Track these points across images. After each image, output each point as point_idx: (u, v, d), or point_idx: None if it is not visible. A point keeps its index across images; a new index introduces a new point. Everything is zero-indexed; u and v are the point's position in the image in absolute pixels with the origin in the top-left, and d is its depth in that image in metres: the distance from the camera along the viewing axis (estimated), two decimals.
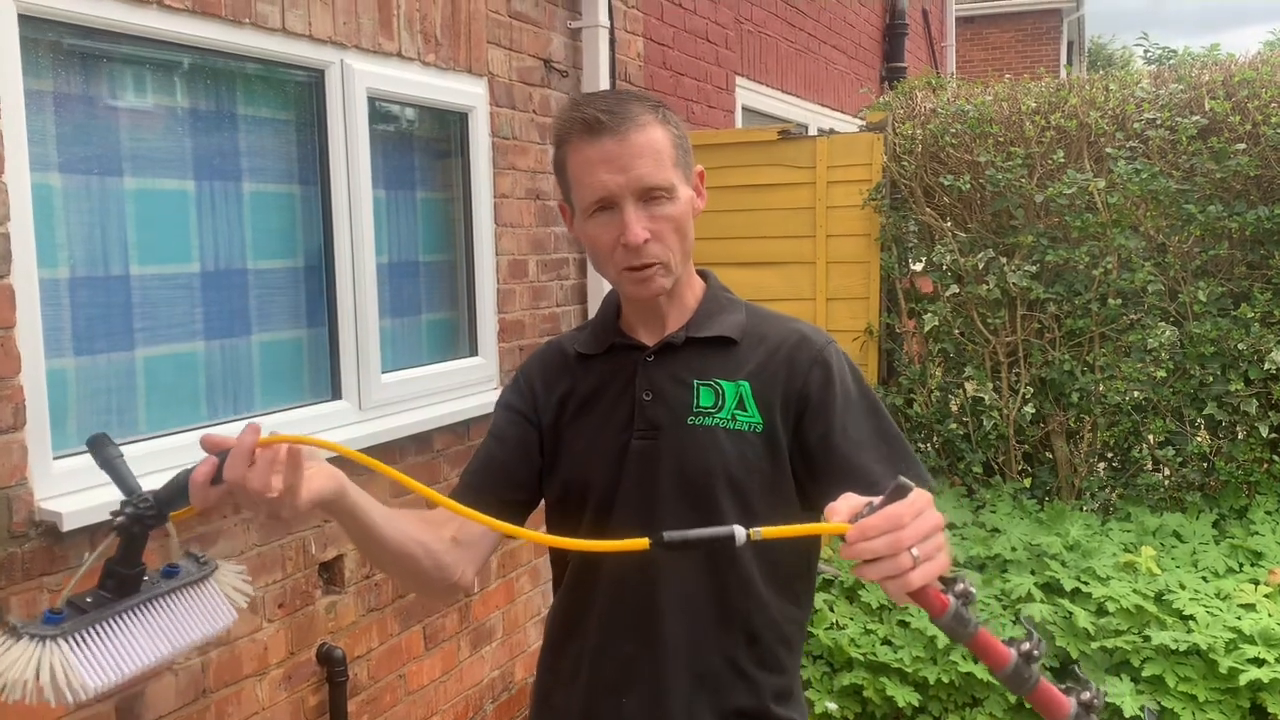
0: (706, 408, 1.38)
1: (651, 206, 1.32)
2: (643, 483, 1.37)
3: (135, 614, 1.13)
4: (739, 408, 1.37)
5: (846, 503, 0.99)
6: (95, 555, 1.14)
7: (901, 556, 0.93)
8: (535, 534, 1.10)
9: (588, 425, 1.44)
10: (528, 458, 1.46)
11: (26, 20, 2.09)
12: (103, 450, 1.17)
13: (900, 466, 1.34)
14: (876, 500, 0.97)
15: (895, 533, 0.93)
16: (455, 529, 1.40)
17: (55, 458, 2.15)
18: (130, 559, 1.11)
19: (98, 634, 1.09)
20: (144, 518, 1.09)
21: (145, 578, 1.14)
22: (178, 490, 1.08)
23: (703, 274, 1.50)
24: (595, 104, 1.33)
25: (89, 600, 1.10)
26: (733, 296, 1.49)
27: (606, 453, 1.40)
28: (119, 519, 1.09)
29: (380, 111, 3.09)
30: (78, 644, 1.07)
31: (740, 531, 0.99)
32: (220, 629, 1.22)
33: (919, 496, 0.97)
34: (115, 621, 1.11)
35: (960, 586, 0.98)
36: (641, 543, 1.02)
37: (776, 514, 1.34)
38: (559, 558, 1.52)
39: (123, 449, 2.31)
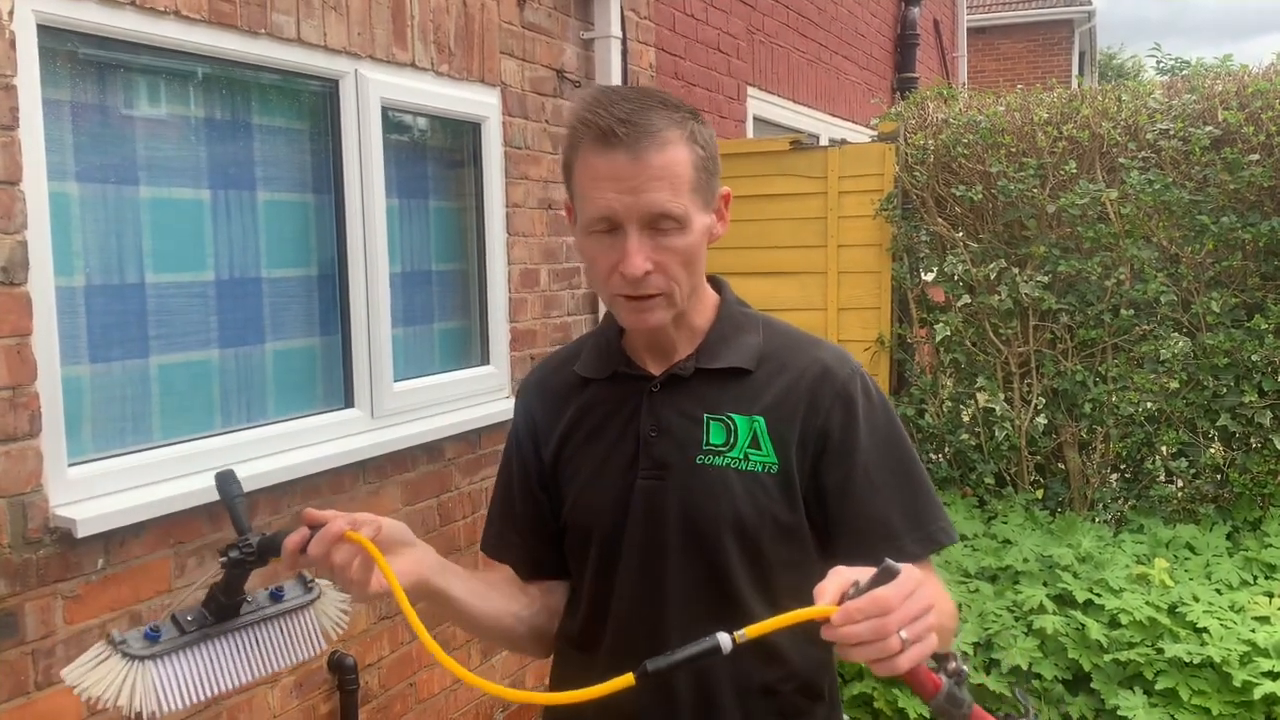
0: (717, 445, 1.26)
1: (658, 236, 1.18)
2: (649, 528, 1.27)
3: (228, 639, 1.19)
4: (752, 445, 1.26)
5: (835, 580, 0.95)
6: (201, 583, 1.22)
7: (889, 640, 0.90)
8: (531, 695, 1.05)
9: (589, 461, 1.33)
10: (536, 505, 1.39)
11: (45, 30, 2.11)
12: (227, 487, 1.24)
13: (920, 515, 1.27)
14: (863, 579, 0.93)
15: (881, 618, 0.90)
16: (539, 583, 1.39)
17: (70, 464, 2.16)
18: (231, 591, 1.18)
19: (186, 657, 1.15)
20: (245, 562, 1.16)
21: (248, 601, 1.21)
22: (278, 543, 1.17)
23: (716, 284, 1.37)
24: (614, 109, 1.17)
25: (190, 619, 1.17)
26: (749, 312, 1.37)
27: (611, 493, 1.30)
28: (223, 559, 1.16)
29: (394, 121, 3.10)
30: (165, 667, 1.13)
31: (725, 639, 0.97)
32: (303, 658, 1.25)
33: (908, 578, 0.92)
34: (206, 646, 1.17)
35: (953, 665, 0.95)
36: (627, 679, 0.98)
37: (789, 564, 1.27)
38: (566, 608, 1.42)
39: (137, 456, 2.33)
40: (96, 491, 2.19)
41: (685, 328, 1.31)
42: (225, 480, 1.24)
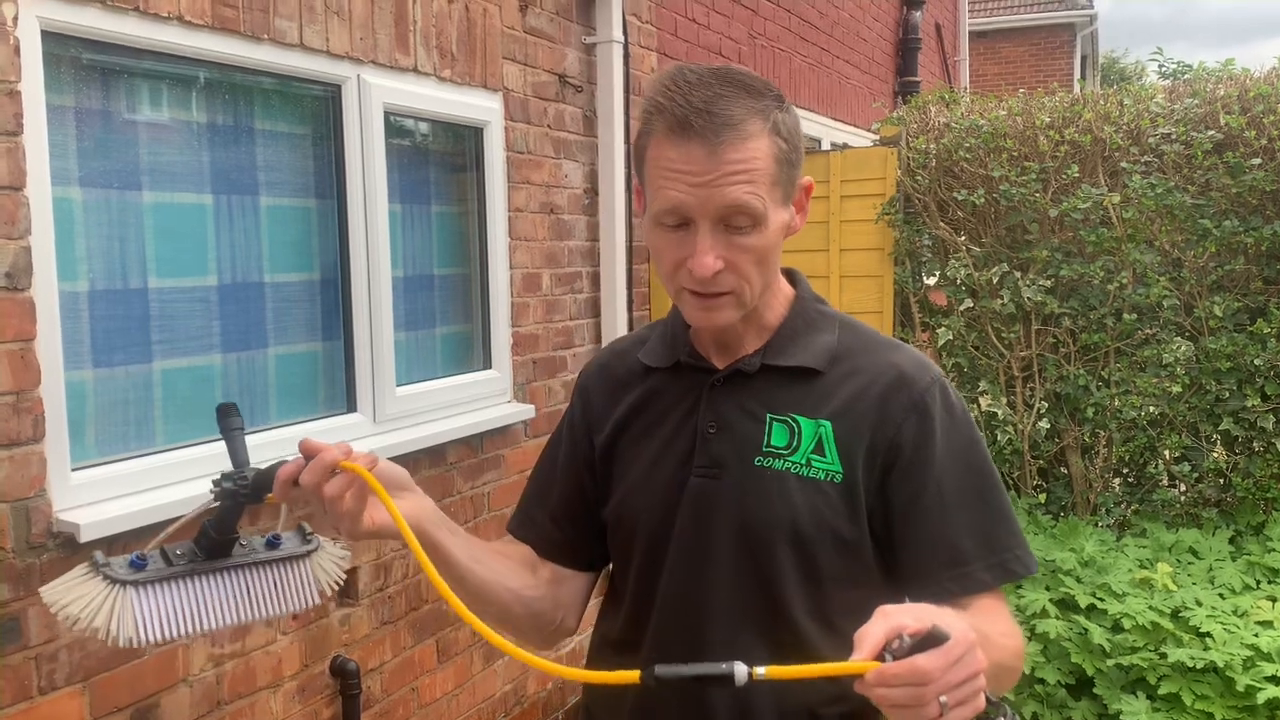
0: (778, 448, 1.18)
1: (732, 234, 1.11)
2: (698, 530, 1.20)
3: (216, 577, 1.13)
4: (816, 451, 1.17)
5: (880, 627, 0.88)
6: (194, 512, 1.15)
7: (926, 706, 0.85)
8: (559, 668, 0.99)
9: (643, 453, 1.26)
10: (577, 489, 1.34)
11: (49, 36, 2.11)
12: (227, 419, 1.19)
13: (994, 541, 1.18)
14: (913, 625, 0.87)
15: (919, 687, 0.85)
16: (552, 568, 1.32)
17: (73, 469, 2.17)
18: (223, 527, 1.12)
19: (170, 590, 1.09)
20: (238, 494, 1.11)
21: (241, 544, 1.15)
22: (272, 477, 1.12)
23: (791, 277, 1.29)
24: (692, 95, 1.08)
25: (179, 553, 1.11)
26: (826, 309, 1.28)
27: (662, 489, 1.23)
28: (215, 488, 1.11)
29: (396, 126, 3.11)
30: (147, 595, 1.07)
31: (741, 671, 0.89)
32: (295, 610, 1.19)
33: (956, 645, 0.86)
34: (192, 581, 1.11)
35: None
36: (631, 675, 0.91)
37: (846, 580, 1.19)
38: (608, 607, 1.36)
39: (140, 461, 2.34)
40: (100, 496, 2.19)
41: (754, 322, 1.23)
42: (226, 412, 1.18)
